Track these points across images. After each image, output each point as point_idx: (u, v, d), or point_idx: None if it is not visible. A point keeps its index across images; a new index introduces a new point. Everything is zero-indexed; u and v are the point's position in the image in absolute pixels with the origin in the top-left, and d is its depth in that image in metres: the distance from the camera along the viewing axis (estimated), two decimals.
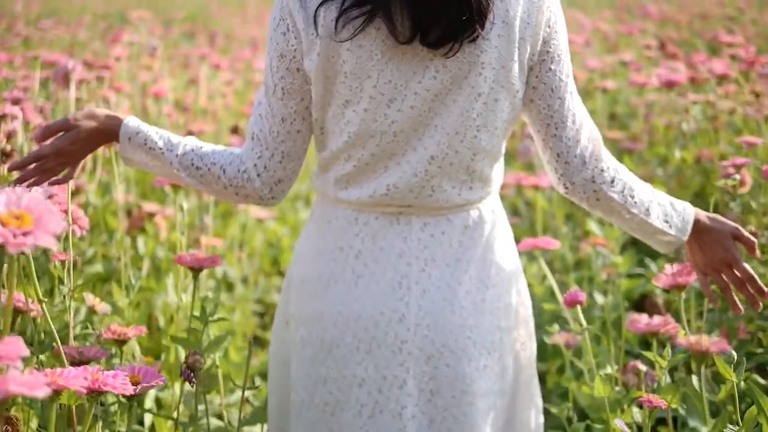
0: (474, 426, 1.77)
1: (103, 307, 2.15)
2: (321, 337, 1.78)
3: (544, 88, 1.74)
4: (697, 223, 1.85)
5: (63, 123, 1.79)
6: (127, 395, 1.52)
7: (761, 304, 1.84)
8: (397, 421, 1.75)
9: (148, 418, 2.50)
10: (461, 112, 1.69)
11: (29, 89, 3.80)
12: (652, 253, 3.44)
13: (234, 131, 4.07)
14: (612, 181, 1.79)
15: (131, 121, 1.80)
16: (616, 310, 2.67)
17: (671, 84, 3.35)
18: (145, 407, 2.54)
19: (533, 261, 3.06)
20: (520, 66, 1.71)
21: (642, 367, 1.95)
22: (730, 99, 3.99)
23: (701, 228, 1.85)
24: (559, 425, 2.41)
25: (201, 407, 2.10)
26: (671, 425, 2.04)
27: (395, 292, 1.75)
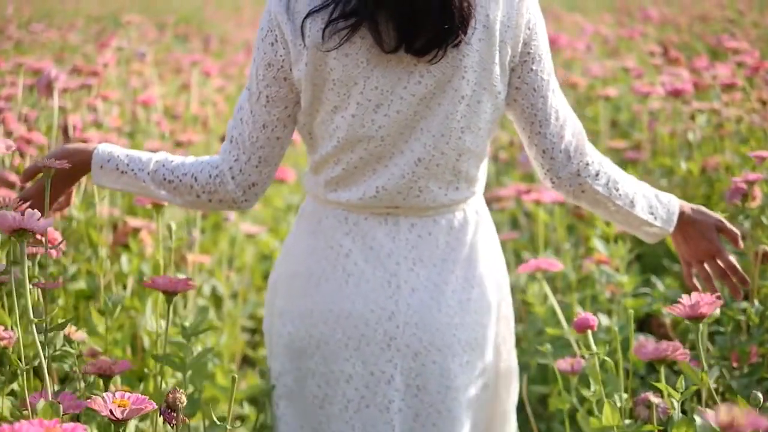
0: (456, 419, 1.85)
1: (79, 336, 2.04)
2: (310, 333, 1.85)
3: (526, 88, 1.80)
4: (682, 215, 1.91)
5: (39, 166, 1.83)
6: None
7: (742, 293, 1.95)
8: (384, 415, 1.83)
9: None
10: (446, 114, 1.76)
11: (13, 97, 3.69)
12: (657, 269, 3.32)
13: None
14: (597, 174, 1.84)
15: (101, 149, 1.88)
16: (622, 331, 2.55)
17: (677, 93, 3.23)
18: None
19: (534, 280, 2.93)
20: (501, 68, 1.77)
21: (654, 400, 1.82)
22: (735, 106, 3.87)
23: (686, 220, 1.91)
24: None
25: None
26: None
27: (385, 290, 1.82)
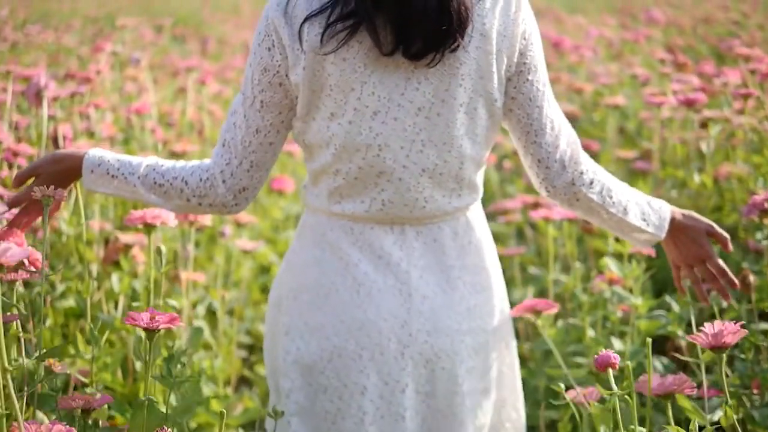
0: (462, 424, 1.87)
1: (61, 368, 1.91)
2: (321, 347, 1.83)
3: (522, 98, 1.82)
4: (674, 221, 1.95)
5: (30, 171, 1.90)
6: None
7: (731, 296, 2.00)
8: (400, 424, 1.83)
9: None
10: (446, 123, 1.77)
11: (2, 105, 3.57)
12: (668, 283, 3.20)
13: None
14: (591, 183, 1.88)
15: (92, 154, 1.89)
16: (635, 356, 2.43)
17: (690, 103, 3.11)
18: None
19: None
20: (498, 77, 1.79)
21: None
22: (748, 115, 3.75)
23: (677, 225, 1.95)
24: None
25: None
26: None
27: (397, 298, 1.82)
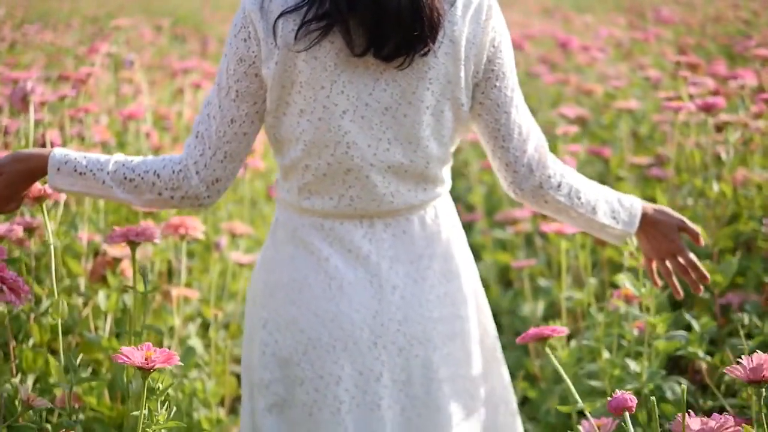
0: (442, 410, 1.89)
1: (40, 402, 1.77)
2: (297, 340, 1.87)
3: (490, 103, 1.87)
4: (645, 217, 2.01)
5: None
6: None
7: (702, 288, 2.04)
8: (376, 413, 1.86)
9: None
10: (412, 124, 1.82)
11: None
12: (686, 301, 3.05)
13: None
14: (558, 186, 1.93)
15: (58, 152, 1.88)
16: (652, 379, 2.28)
17: (709, 108, 2.95)
18: None
19: (552, 317, 2.66)
20: (465, 82, 1.83)
21: None
22: (766, 118, 3.59)
23: (649, 221, 2.01)
24: None
25: None
26: None
27: (368, 290, 1.87)
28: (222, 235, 3.24)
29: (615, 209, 1.98)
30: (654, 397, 1.53)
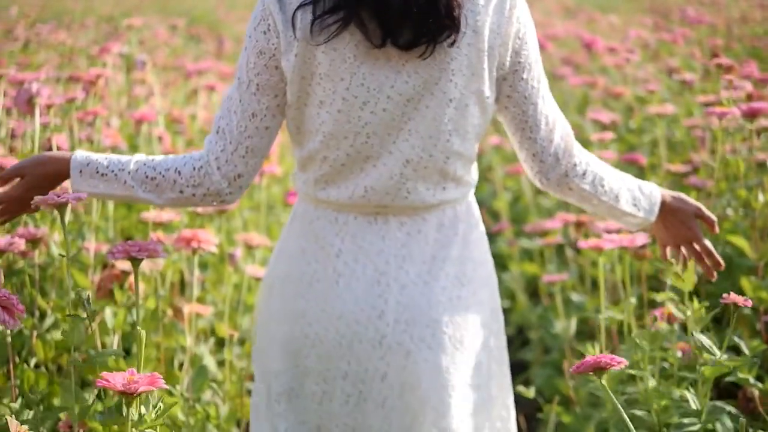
0: (447, 417, 1.84)
1: None
2: (305, 333, 1.86)
3: (517, 96, 1.86)
4: (664, 204, 2.01)
5: (14, 171, 1.88)
6: None
7: (716, 275, 2.06)
8: (380, 411, 1.84)
9: None
10: (434, 117, 1.79)
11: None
12: (726, 316, 2.87)
13: None
14: (584, 174, 1.93)
15: (79, 155, 1.86)
16: (710, 413, 2.10)
17: (754, 113, 2.77)
18: None
19: (585, 337, 2.48)
20: (489, 74, 1.81)
21: None
22: None
23: (667, 209, 2.01)
24: None
25: None
26: None
27: (374, 289, 1.84)
28: (237, 247, 3.07)
29: (636, 197, 1.98)
30: None
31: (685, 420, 2.04)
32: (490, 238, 2.11)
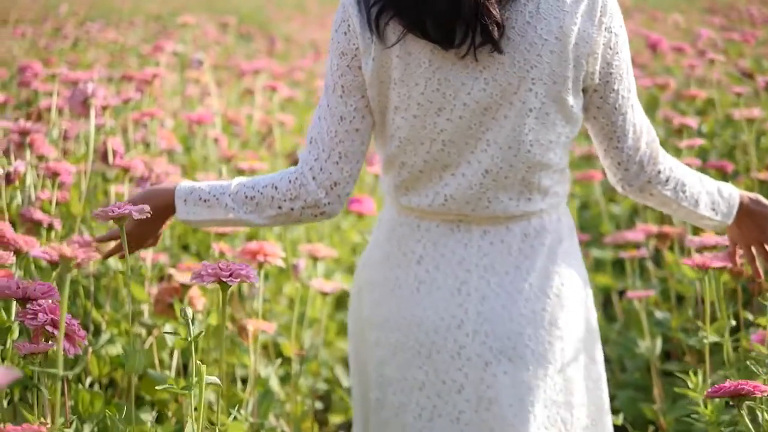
0: None
1: None
2: (388, 340, 1.85)
3: (608, 107, 1.80)
4: (741, 207, 1.97)
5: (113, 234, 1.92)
6: None
7: None
8: (455, 426, 1.79)
9: None
10: (513, 127, 1.74)
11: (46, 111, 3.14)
12: None
13: (294, 163, 3.33)
14: (666, 180, 1.89)
15: (184, 184, 1.87)
16: None
17: None
18: None
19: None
20: (574, 82, 1.74)
21: None
22: None
23: (744, 211, 1.97)
24: None
25: None
26: None
27: (454, 298, 1.80)
28: (300, 258, 2.90)
29: (715, 201, 1.95)
30: None
31: None
32: None
